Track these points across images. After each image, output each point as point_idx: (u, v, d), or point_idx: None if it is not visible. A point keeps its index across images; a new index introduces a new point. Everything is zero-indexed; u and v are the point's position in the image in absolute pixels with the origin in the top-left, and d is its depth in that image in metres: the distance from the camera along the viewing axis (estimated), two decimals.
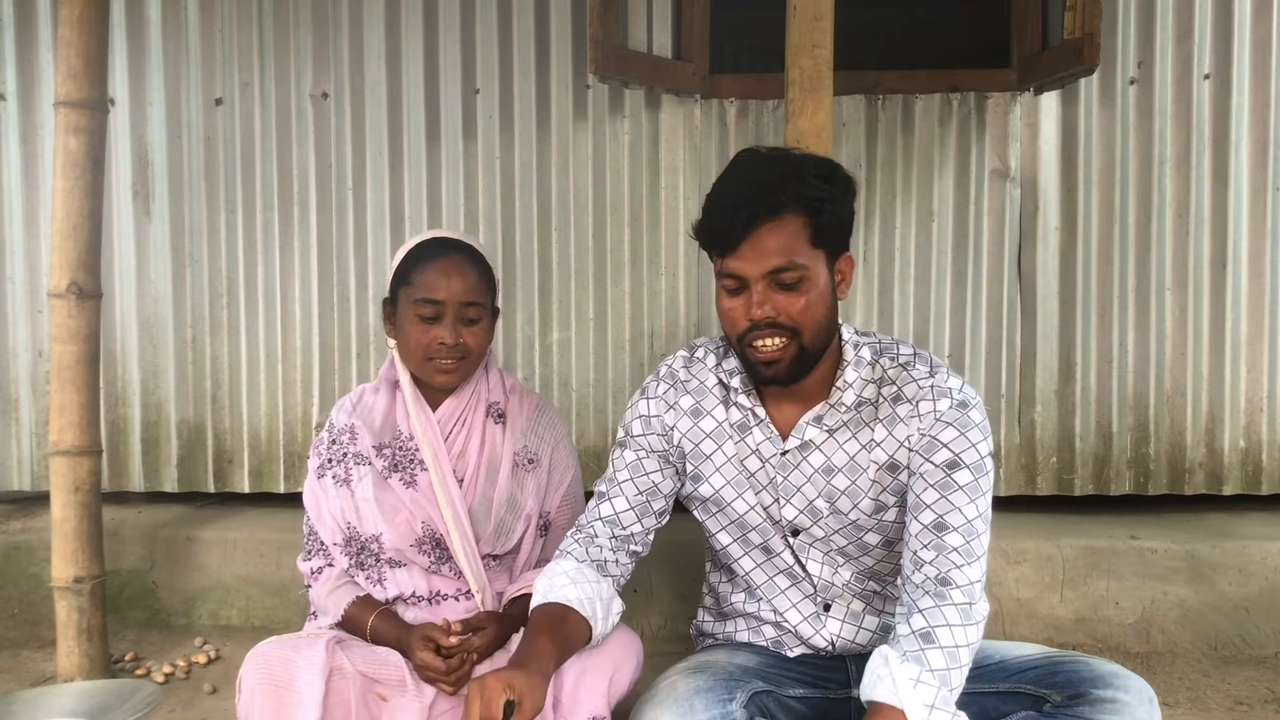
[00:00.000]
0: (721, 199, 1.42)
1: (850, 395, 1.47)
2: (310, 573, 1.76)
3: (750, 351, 1.42)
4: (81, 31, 2.22)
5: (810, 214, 1.37)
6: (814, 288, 1.39)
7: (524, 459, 1.80)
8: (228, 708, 2.12)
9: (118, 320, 2.98)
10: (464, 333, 1.69)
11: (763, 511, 1.55)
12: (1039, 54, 2.75)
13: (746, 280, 1.39)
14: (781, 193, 1.36)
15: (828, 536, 1.53)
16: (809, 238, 1.38)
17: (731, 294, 1.43)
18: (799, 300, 1.38)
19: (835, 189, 1.40)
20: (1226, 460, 2.82)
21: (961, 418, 1.42)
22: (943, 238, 2.85)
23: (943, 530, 1.37)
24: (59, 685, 2.08)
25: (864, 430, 1.49)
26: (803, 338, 1.39)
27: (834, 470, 1.49)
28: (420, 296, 1.67)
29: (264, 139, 2.95)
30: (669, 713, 1.33)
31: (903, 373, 1.48)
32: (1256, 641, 2.48)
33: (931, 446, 1.42)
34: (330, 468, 1.74)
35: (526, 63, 2.89)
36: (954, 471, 1.40)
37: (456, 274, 1.68)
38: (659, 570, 2.61)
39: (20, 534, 2.78)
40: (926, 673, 1.24)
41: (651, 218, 2.90)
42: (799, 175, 1.38)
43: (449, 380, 1.72)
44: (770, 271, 1.37)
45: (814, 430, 1.48)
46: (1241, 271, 2.79)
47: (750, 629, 1.65)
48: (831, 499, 1.50)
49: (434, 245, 1.73)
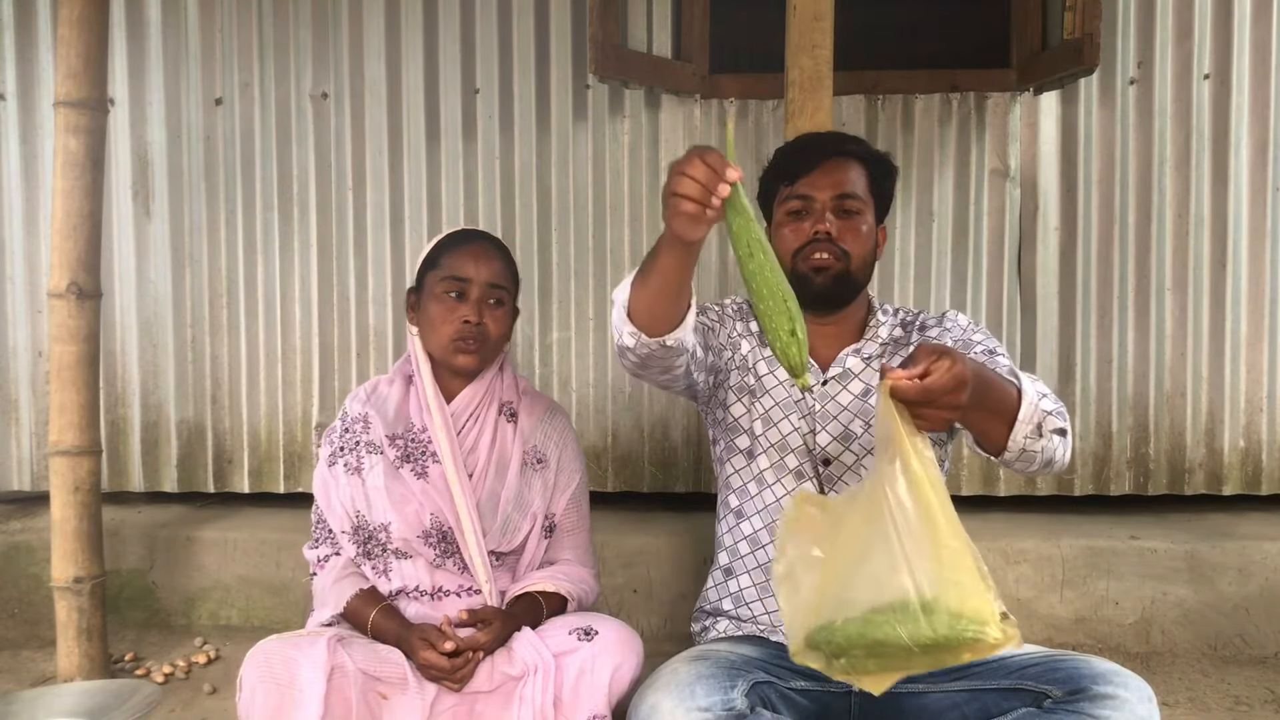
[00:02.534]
0: (798, 143, 1.66)
1: (884, 330, 1.69)
2: (316, 561, 1.77)
3: (804, 264, 1.60)
4: (81, 31, 2.22)
5: (869, 166, 1.63)
6: (866, 223, 1.62)
7: (533, 458, 1.81)
8: (228, 708, 2.12)
9: (118, 320, 2.99)
10: (487, 314, 1.73)
11: (800, 438, 1.64)
12: (1039, 54, 2.76)
13: (813, 201, 1.60)
14: (854, 142, 1.64)
15: (858, 463, 1.61)
16: (867, 185, 1.63)
17: (795, 216, 1.62)
18: (855, 228, 1.60)
19: (888, 161, 1.68)
20: (1226, 460, 2.82)
21: (980, 327, 1.65)
22: (942, 238, 2.85)
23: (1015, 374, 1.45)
24: (59, 685, 2.09)
25: (898, 357, 1.65)
26: (850, 261, 1.60)
27: (871, 392, 1.63)
28: (448, 275, 1.72)
29: (264, 139, 2.95)
30: (670, 698, 1.34)
31: (920, 315, 1.73)
32: (1256, 641, 2.48)
33: (968, 345, 1.59)
34: (342, 455, 1.75)
35: (526, 63, 2.89)
36: (995, 356, 1.54)
37: (485, 257, 1.74)
38: (659, 570, 2.61)
39: (20, 534, 2.78)
40: (1047, 389, 1.39)
41: (651, 218, 2.90)
42: (862, 140, 1.67)
43: (469, 362, 1.73)
44: (838, 196, 1.59)
45: (854, 360, 1.66)
46: (1241, 272, 2.80)
47: (752, 619, 1.65)
48: (868, 419, 1.62)
49: (464, 233, 1.81)
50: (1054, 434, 1.33)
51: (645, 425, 2.91)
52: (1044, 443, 1.34)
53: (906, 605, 1.10)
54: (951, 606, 1.09)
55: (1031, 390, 1.33)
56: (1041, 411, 1.32)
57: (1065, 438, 1.36)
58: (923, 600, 1.09)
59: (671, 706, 1.33)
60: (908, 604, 1.10)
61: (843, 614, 1.14)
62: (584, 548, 1.87)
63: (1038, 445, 1.33)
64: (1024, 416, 1.31)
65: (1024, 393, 1.32)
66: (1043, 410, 1.33)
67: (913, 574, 1.10)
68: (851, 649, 1.15)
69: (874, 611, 1.12)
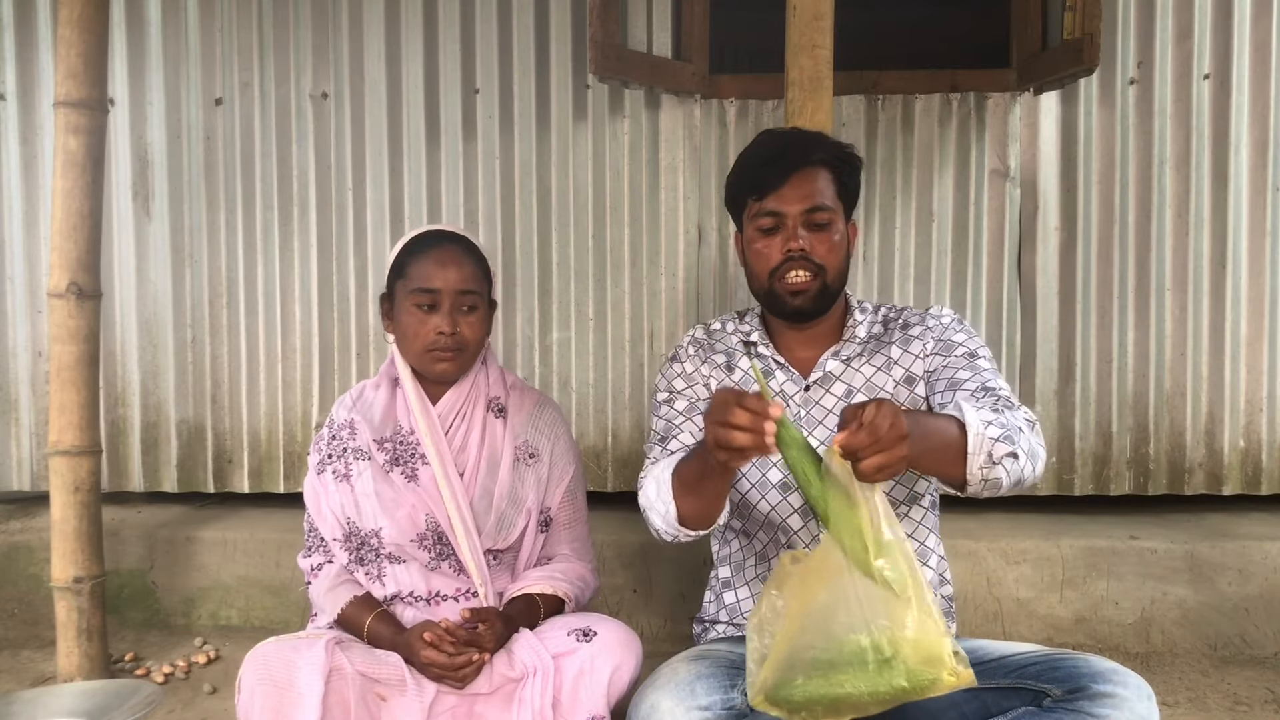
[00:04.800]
0: (762, 150, 1.62)
1: (862, 330, 1.68)
2: (310, 570, 1.76)
3: (780, 284, 1.60)
4: (81, 31, 2.23)
5: (835, 170, 1.60)
6: (837, 232, 1.61)
7: (524, 453, 1.80)
8: (227, 708, 2.12)
9: (118, 320, 2.99)
10: (461, 322, 1.70)
11: None
12: (1039, 54, 2.75)
13: (783, 218, 1.58)
14: (817, 148, 1.60)
15: None
16: (835, 190, 1.61)
17: (766, 233, 1.60)
18: (827, 240, 1.59)
19: (852, 156, 1.64)
20: (1226, 460, 2.82)
21: (964, 325, 1.67)
22: (942, 238, 2.85)
23: (989, 391, 1.50)
24: (59, 685, 2.09)
25: (879, 355, 1.66)
26: (826, 275, 1.59)
27: (854, 393, 1.64)
28: (416, 286, 1.69)
29: (264, 139, 2.95)
30: (670, 697, 1.34)
31: (903, 312, 1.72)
32: (1256, 641, 2.48)
33: (949, 347, 1.61)
34: (330, 463, 1.75)
35: (526, 63, 2.89)
36: (975, 359, 1.58)
37: (452, 264, 1.70)
38: (659, 570, 2.61)
39: (20, 534, 2.78)
40: (993, 415, 1.37)
41: (651, 218, 2.90)
42: (825, 140, 1.63)
43: (448, 371, 1.72)
44: (807, 210, 1.57)
45: (834, 363, 1.66)
46: (1241, 271, 2.80)
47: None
48: None
49: (428, 237, 1.75)
50: (1006, 458, 1.32)
51: (645, 425, 2.91)
52: (1000, 470, 1.33)
53: (865, 664, 1.14)
54: (908, 660, 1.13)
55: (975, 420, 1.32)
56: (989, 440, 1.31)
57: (1018, 460, 1.34)
58: (880, 658, 1.14)
59: (671, 705, 1.33)
60: (866, 663, 1.14)
61: (803, 674, 1.18)
62: (581, 541, 1.87)
63: (997, 472, 1.33)
64: (973, 448, 1.31)
65: (968, 425, 1.31)
66: (989, 438, 1.31)
67: (871, 633, 1.14)
68: (811, 705, 1.19)
69: (833, 670, 1.16)
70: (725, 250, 2.89)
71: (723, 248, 2.89)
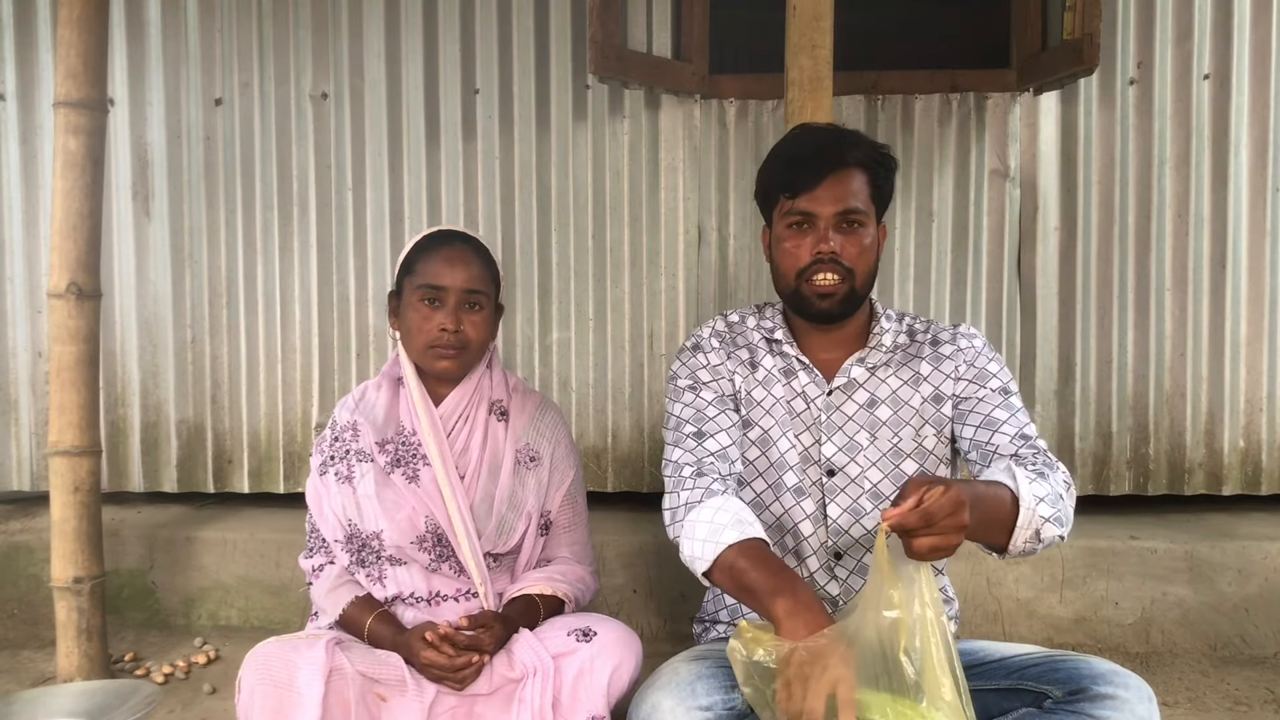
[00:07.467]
0: (798, 148, 1.58)
1: (888, 338, 1.65)
2: (311, 570, 1.76)
3: (807, 286, 1.56)
4: (81, 31, 2.22)
5: (870, 172, 1.57)
6: (869, 235, 1.58)
7: (525, 456, 1.80)
8: (227, 708, 2.12)
9: (118, 320, 2.99)
10: (465, 320, 1.70)
11: (803, 451, 1.61)
12: (1039, 54, 2.75)
13: (815, 219, 1.55)
14: (854, 148, 1.55)
15: (862, 474, 1.59)
16: (869, 192, 1.57)
17: (797, 231, 1.57)
18: (859, 243, 1.56)
19: (888, 158, 1.61)
20: (1226, 460, 2.82)
21: (994, 353, 1.64)
22: (942, 238, 2.85)
23: (1027, 440, 1.50)
24: (59, 685, 2.09)
25: (906, 368, 1.63)
26: (855, 279, 1.56)
27: (878, 403, 1.62)
28: (423, 283, 1.69)
29: (264, 139, 2.95)
30: (671, 697, 1.33)
31: (930, 325, 1.69)
32: (1256, 641, 2.48)
33: (983, 376, 1.60)
34: (332, 465, 1.75)
35: (526, 63, 2.89)
36: (1009, 396, 1.57)
37: (460, 262, 1.71)
38: (659, 570, 2.61)
39: (20, 534, 2.78)
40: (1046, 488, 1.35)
41: (651, 218, 2.90)
42: (862, 140, 1.58)
43: (450, 368, 1.72)
44: (840, 212, 1.54)
45: (859, 370, 1.63)
46: (1241, 271, 2.80)
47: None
48: (873, 429, 1.60)
49: (439, 236, 1.76)
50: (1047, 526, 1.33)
51: (645, 425, 2.91)
52: (1041, 542, 1.34)
53: None
54: None
55: (1029, 495, 1.31)
56: (1039, 518, 1.31)
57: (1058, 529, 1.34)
58: None
59: (672, 705, 1.33)
60: None
61: None
62: (581, 544, 1.87)
63: (1036, 543, 1.34)
64: (1022, 522, 1.30)
65: (1021, 500, 1.30)
66: (1040, 516, 1.31)
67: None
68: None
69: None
70: (725, 250, 2.90)
71: (722, 248, 2.89)
